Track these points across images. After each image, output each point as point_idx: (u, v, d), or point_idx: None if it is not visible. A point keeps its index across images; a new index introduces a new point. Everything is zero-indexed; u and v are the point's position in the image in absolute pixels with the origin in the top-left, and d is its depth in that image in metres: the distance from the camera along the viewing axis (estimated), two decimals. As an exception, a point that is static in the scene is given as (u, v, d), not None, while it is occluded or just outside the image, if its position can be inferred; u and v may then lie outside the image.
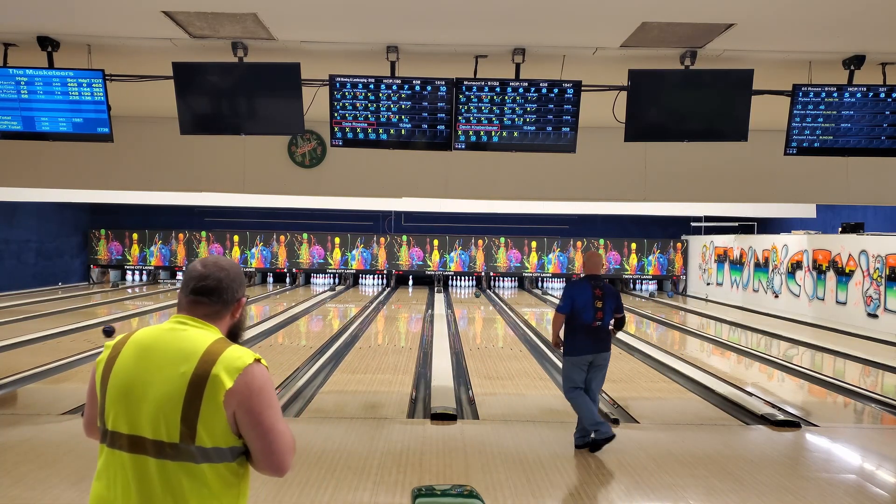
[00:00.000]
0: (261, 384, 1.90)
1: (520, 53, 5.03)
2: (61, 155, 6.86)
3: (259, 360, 1.93)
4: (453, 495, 3.56)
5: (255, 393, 1.88)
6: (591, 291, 5.61)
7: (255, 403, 1.88)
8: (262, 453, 1.90)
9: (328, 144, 6.10)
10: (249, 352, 1.94)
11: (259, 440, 1.89)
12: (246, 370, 1.88)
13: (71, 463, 5.03)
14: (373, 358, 9.89)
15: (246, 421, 1.87)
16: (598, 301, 5.59)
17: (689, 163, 7.09)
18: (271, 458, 1.90)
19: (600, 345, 5.64)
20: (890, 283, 12.80)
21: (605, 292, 5.67)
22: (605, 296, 5.65)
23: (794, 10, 4.25)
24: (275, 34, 4.81)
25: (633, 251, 21.88)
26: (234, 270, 2.06)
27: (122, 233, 21.74)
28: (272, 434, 1.90)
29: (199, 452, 1.84)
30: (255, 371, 1.91)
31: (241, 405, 1.86)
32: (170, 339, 1.94)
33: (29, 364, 8.54)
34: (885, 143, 5.23)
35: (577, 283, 5.75)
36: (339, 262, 21.81)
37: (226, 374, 1.86)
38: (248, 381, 1.88)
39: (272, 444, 1.90)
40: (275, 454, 1.90)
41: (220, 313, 2.02)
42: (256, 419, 1.88)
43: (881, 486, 5.14)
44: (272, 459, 1.91)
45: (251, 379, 1.89)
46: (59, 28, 4.81)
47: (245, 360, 1.90)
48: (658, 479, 5.00)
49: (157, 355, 1.91)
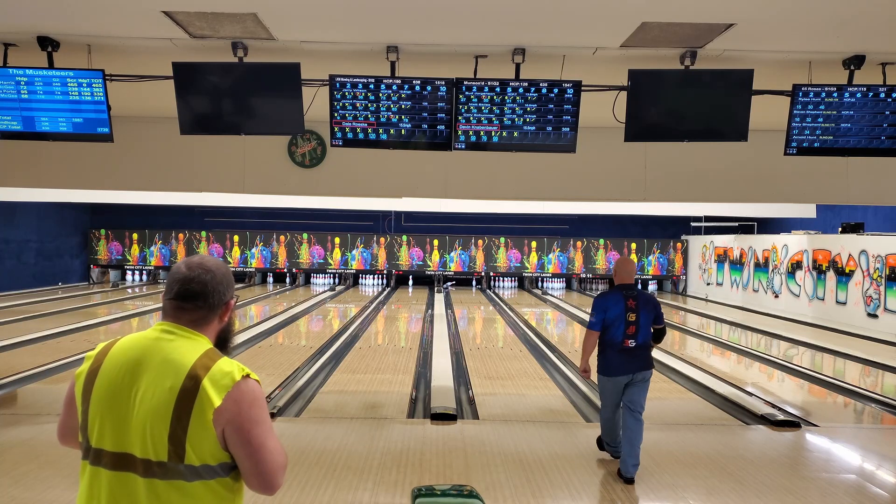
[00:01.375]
0: (250, 401, 1.82)
1: (520, 53, 5.03)
2: (61, 155, 6.86)
3: (248, 375, 1.85)
4: (453, 495, 3.55)
5: (245, 410, 1.81)
6: (624, 303, 4.97)
7: (245, 421, 1.80)
8: (252, 471, 1.83)
9: (328, 144, 6.10)
10: (239, 366, 1.86)
11: (248, 459, 1.82)
12: (235, 387, 1.81)
13: (71, 463, 5.02)
14: (373, 358, 9.89)
15: (235, 439, 1.80)
16: (632, 314, 4.95)
17: (689, 163, 7.10)
18: (261, 477, 1.83)
19: (637, 363, 4.96)
20: (890, 283, 12.80)
21: (640, 301, 5.01)
22: (639, 306, 4.98)
23: (794, 10, 4.25)
24: (275, 34, 4.81)
25: (633, 251, 21.87)
26: (221, 271, 1.95)
27: (122, 233, 21.74)
28: (262, 452, 1.83)
29: (188, 471, 1.77)
30: (244, 388, 1.83)
31: (230, 423, 1.79)
32: (156, 351, 1.84)
33: (29, 364, 8.54)
34: (885, 143, 5.23)
35: (609, 295, 5.09)
36: (339, 262, 21.81)
37: (214, 392, 1.78)
38: (238, 398, 1.80)
39: (261, 462, 1.83)
40: (264, 473, 1.83)
41: (206, 318, 1.92)
42: (246, 437, 1.80)
43: (881, 486, 5.14)
44: (262, 479, 1.83)
45: (240, 396, 1.81)
46: (59, 28, 4.80)
47: (234, 377, 1.82)
48: (658, 479, 5.00)
49: (142, 368, 1.82)
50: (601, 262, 21.85)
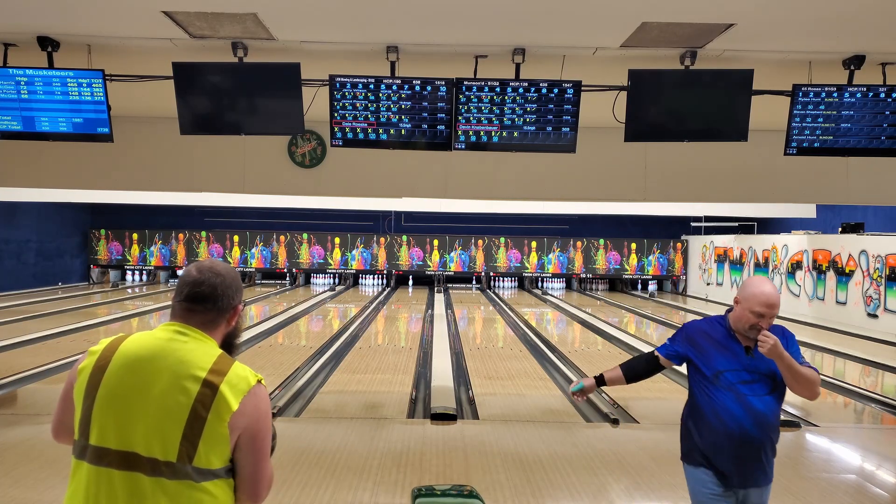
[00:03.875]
0: (266, 408, 1.88)
1: (520, 53, 5.03)
2: (61, 155, 6.86)
3: (261, 381, 1.90)
4: (453, 495, 3.55)
5: (262, 417, 1.86)
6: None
7: (261, 429, 1.86)
8: (250, 479, 1.86)
9: (328, 144, 6.10)
10: (252, 371, 1.89)
11: (252, 465, 1.85)
12: (251, 392, 1.84)
13: (71, 463, 5.02)
14: (373, 358, 9.89)
15: (247, 444, 1.83)
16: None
17: (689, 163, 7.09)
18: (256, 485, 1.86)
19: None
20: (890, 283, 12.79)
21: None
22: None
23: (794, 10, 4.25)
24: (275, 34, 4.81)
25: (633, 251, 21.87)
26: (231, 276, 1.98)
27: (122, 233, 21.72)
28: (265, 462, 1.88)
29: (195, 472, 1.78)
30: (260, 393, 1.87)
31: (247, 429, 1.82)
32: (170, 351, 1.84)
33: (29, 364, 8.54)
34: (885, 143, 5.23)
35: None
36: (339, 263, 21.80)
37: (232, 396, 1.80)
38: (256, 402, 1.85)
39: (263, 470, 1.87)
40: (260, 481, 1.87)
41: (215, 321, 1.94)
42: (258, 446, 1.85)
43: (881, 486, 5.14)
44: (256, 487, 1.87)
45: (258, 402, 1.86)
46: (59, 28, 4.80)
47: (250, 382, 1.85)
48: (658, 479, 4.99)
49: (154, 367, 1.82)
50: (601, 262, 21.84)
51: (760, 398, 3.01)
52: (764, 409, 3.00)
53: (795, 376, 2.96)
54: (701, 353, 3.12)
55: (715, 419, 3.03)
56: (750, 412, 2.98)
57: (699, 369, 3.12)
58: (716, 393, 3.04)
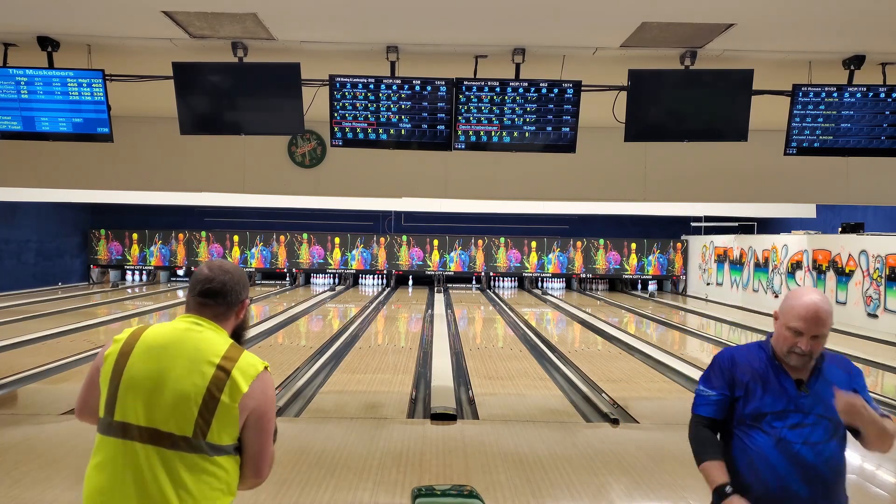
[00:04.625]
0: (271, 392, 2.10)
1: (520, 53, 5.03)
2: (61, 155, 6.86)
3: (267, 368, 2.10)
4: (453, 495, 3.56)
5: (269, 399, 2.08)
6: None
7: (268, 411, 2.07)
8: (255, 457, 2.07)
9: (328, 144, 6.10)
10: (259, 359, 2.10)
11: (257, 444, 2.06)
12: (259, 377, 2.05)
13: (71, 463, 5.03)
14: (373, 358, 9.89)
15: (254, 424, 2.04)
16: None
17: (689, 163, 7.09)
18: (260, 464, 2.07)
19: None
20: (890, 283, 12.79)
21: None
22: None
23: (794, 10, 4.25)
24: (275, 34, 4.81)
25: (633, 251, 21.87)
26: (238, 274, 2.20)
27: (122, 233, 21.72)
28: (269, 442, 2.09)
29: (208, 447, 1.98)
30: (267, 378, 2.09)
31: (255, 410, 2.03)
32: (188, 339, 2.06)
33: (29, 364, 8.53)
34: (885, 143, 5.23)
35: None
36: (338, 262, 21.80)
37: (243, 380, 2.01)
38: (263, 387, 2.06)
39: (266, 450, 2.08)
40: (264, 459, 2.08)
41: (225, 314, 2.16)
42: (264, 425, 2.06)
43: (881, 486, 5.14)
44: (259, 466, 2.08)
45: (265, 385, 2.07)
46: (59, 28, 4.81)
47: (258, 368, 2.06)
48: (658, 479, 4.99)
49: (173, 353, 2.03)
50: (601, 262, 21.84)
51: (813, 447, 2.32)
52: (816, 461, 2.31)
53: (881, 435, 2.29)
54: (740, 389, 2.46)
55: (750, 473, 2.37)
56: (798, 466, 2.31)
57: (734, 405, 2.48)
58: (754, 438, 2.37)
